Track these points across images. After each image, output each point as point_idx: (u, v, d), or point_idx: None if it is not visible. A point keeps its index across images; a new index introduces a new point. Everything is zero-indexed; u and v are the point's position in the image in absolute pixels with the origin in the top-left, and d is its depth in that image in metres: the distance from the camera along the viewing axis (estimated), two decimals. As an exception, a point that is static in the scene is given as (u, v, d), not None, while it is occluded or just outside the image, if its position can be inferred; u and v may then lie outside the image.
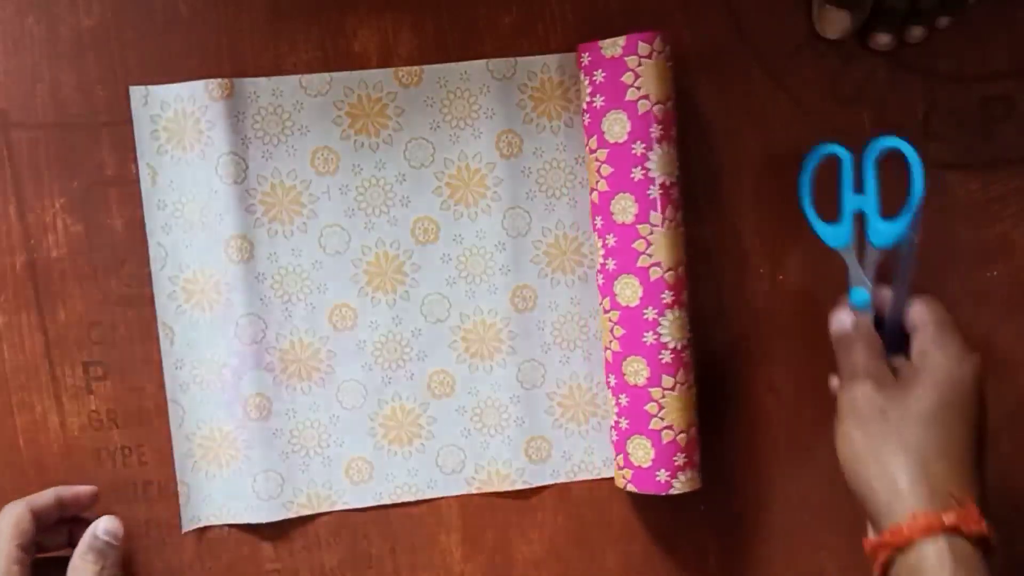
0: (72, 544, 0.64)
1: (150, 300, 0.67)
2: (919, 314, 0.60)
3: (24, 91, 0.66)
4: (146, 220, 0.67)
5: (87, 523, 0.65)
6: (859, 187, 0.65)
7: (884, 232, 0.65)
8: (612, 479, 0.70)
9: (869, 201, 0.65)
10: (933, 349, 0.58)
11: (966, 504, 0.53)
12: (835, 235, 0.66)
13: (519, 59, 0.68)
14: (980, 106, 0.71)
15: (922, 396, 0.56)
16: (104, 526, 0.64)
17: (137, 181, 0.67)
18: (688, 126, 0.68)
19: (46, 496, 0.64)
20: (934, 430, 0.55)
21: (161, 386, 0.68)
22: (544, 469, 0.70)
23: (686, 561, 0.72)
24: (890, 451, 0.55)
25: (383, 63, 0.68)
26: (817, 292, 0.71)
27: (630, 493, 0.69)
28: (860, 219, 0.65)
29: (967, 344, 0.59)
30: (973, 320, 0.72)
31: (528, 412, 0.70)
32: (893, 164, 0.65)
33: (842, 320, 0.63)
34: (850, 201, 0.66)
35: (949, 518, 0.52)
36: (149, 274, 0.67)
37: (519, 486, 0.70)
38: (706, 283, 0.70)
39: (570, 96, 0.69)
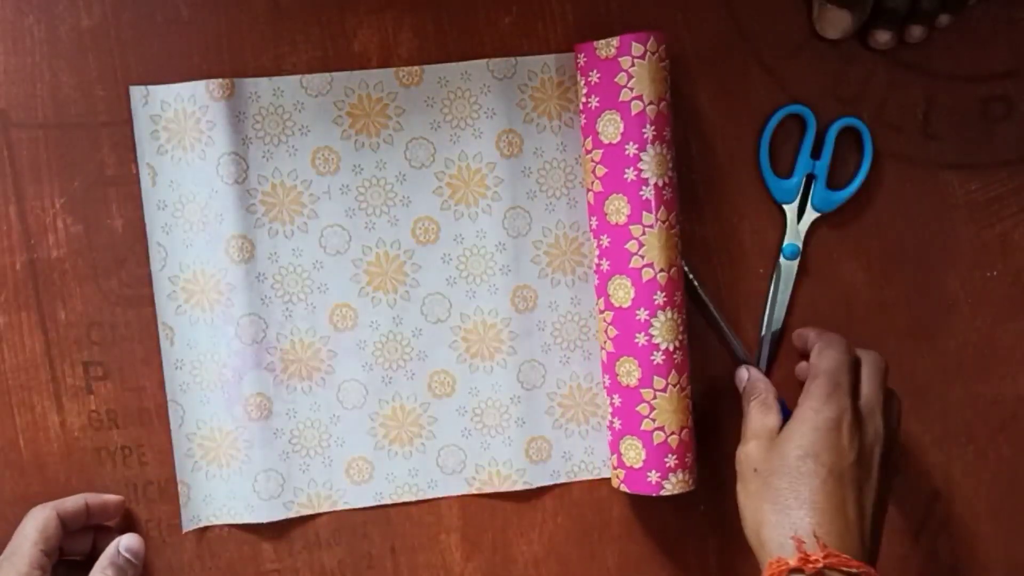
0: (93, 552, 0.65)
1: (150, 300, 0.67)
2: (813, 361, 0.63)
3: (24, 91, 0.66)
4: (146, 220, 0.67)
5: (110, 531, 0.66)
6: (816, 153, 0.70)
7: (827, 199, 0.70)
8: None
9: (821, 167, 0.70)
10: (803, 401, 0.61)
11: (806, 545, 0.56)
12: (784, 190, 0.70)
13: (519, 59, 0.68)
14: (980, 106, 0.71)
15: (780, 446, 0.60)
16: (126, 543, 0.65)
17: (137, 181, 0.67)
18: (688, 126, 0.68)
19: (75, 501, 0.65)
20: (786, 480, 0.59)
21: (161, 386, 0.68)
22: (544, 469, 0.70)
23: (686, 561, 0.72)
24: (758, 506, 0.60)
25: (383, 63, 0.68)
26: (816, 292, 0.71)
27: (630, 493, 0.69)
28: (808, 182, 0.70)
29: (838, 391, 0.60)
30: (973, 320, 0.72)
31: (528, 412, 0.70)
32: (851, 141, 0.71)
33: (740, 376, 0.68)
34: (805, 163, 0.70)
35: (791, 562, 0.56)
36: (149, 274, 0.67)
37: (519, 486, 0.70)
38: (706, 283, 0.70)
39: (570, 96, 0.69)
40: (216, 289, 0.67)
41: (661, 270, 0.64)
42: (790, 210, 0.70)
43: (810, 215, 0.70)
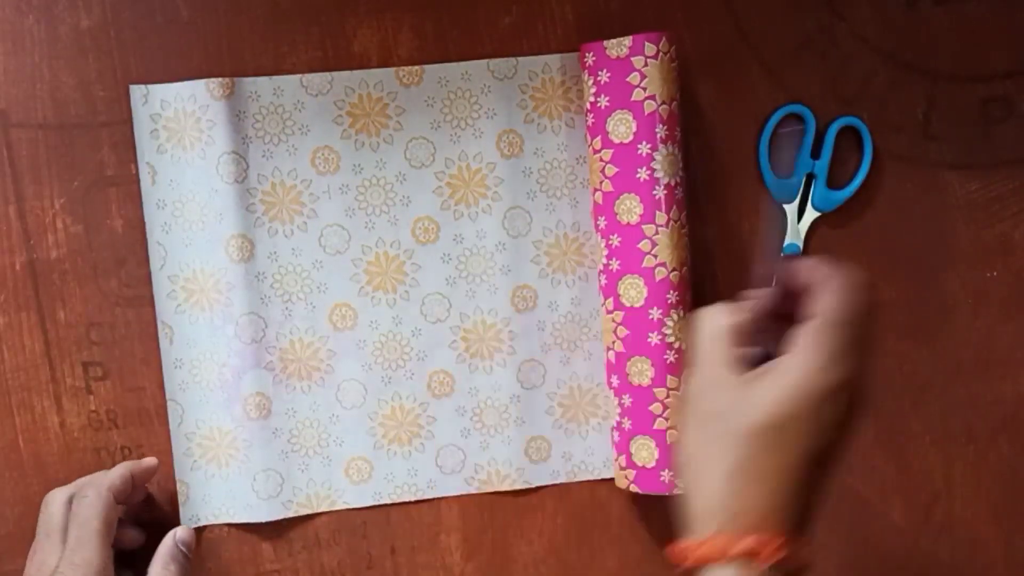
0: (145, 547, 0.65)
1: (150, 300, 0.67)
2: (827, 299, 0.48)
3: (24, 91, 0.66)
4: (146, 219, 0.67)
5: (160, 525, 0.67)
6: (816, 153, 0.70)
7: (827, 198, 0.70)
8: (612, 479, 0.70)
9: (821, 167, 0.70)
10: (806, 350, 0.47)
11: (769, 531, 0.46)
12: (785, 189, 0.70)
13: (520, 59, 0.68)
14: (980, 106, 0.71)
15: (754, 395, 0.47)
16: (182, 536, 0.65)
17: (137, 181, 0.67)
18: (688, 126, 0.68)
19: (121, 474, 0.64)
20: (755, 446, 0.46)
21: (161, 386, 0.68)
22: (544, 469, 0.70)
23: (686, 561, 0.72)
24: (715, 462, 0.47)
25: (383, 63, 0.68)
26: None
27: (630, 493, 0.69)
28: (808, 182, 0.70)
29: (852, 351, 0.46)
30: (973, 320, 0.72)
31: (528, 412, 0.70)
32: (851, 141, 0.71)
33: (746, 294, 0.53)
34: (805, 163, 0.70)
35: (745, 544, 0.45)
36: (149, 274, 0.67)
37: (519, 486, 0.70)
38: (706, 283, 0.70)
39: (571, 96, 0.69)
40: (216, 288, 0.67)
41: (673, 269, 0.64)
42: (790, 210, 0.70)
43: (810, 215, 0.70)
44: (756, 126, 0.70)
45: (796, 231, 0.70)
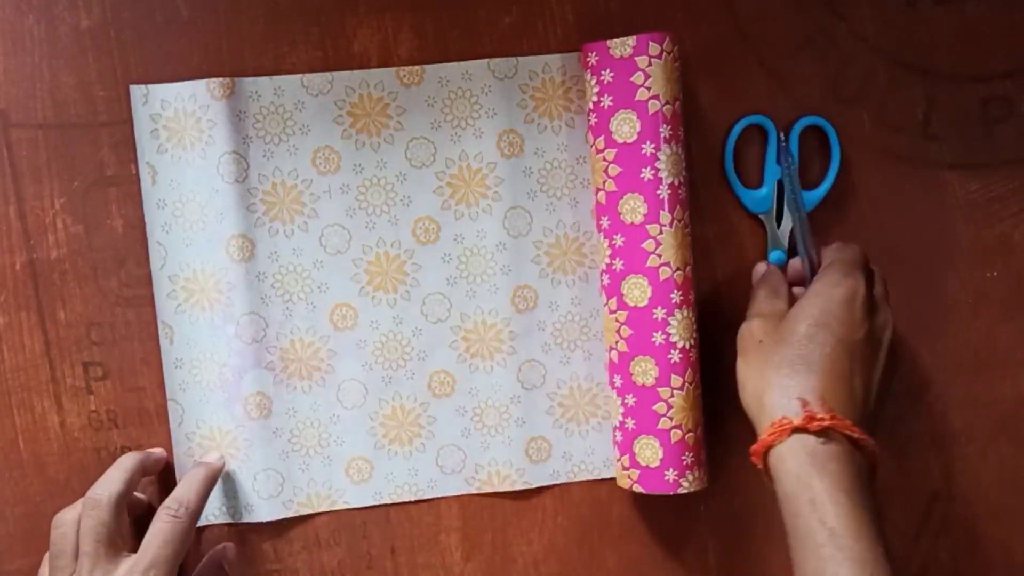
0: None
1: (150, 300, 0.67)
2: (824, 255, 0.65)
3: (24, 91, 0.66)
4: (146, 219, 0.67)
5: None
6: (781, 158, 0.70)
7: (802, 200, 0.70)
8: (612, 479, 0.70)
9: (790, 171, 0.70)
10: (817, 279, 0.62)
11: (811, 406, 0.57)
12: (756, 200, 0.70)
13: (520, 59, 0.68)
14: (980, 106, 0.71)
15: (789, 320, 0.61)
16: (229, 552, 0.68)
17: (137, 181, 0.67)
18: (688, 126, 0.68)
19: (126, 480, 0.63)
20: (795, 348, 0.59)
21: (161, 386, 0.68)
22: (544, 469, 0.70)
23: (686, 561, 0.72)
24: (760, 373, 0.61)
25: (383, 63, 0.68)
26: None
27: (630, 493, 0.69)
28: (779, 187, 0.70)
29: (855, 271, 0.61)
30: (973, 320, 0.72)
31: (528, 412, 0.70)
32: (814, 139, 0.71)
33: (757, 269, 0.69)
34: (772, 170, 0.70)
35: (795, 420, 0.57)
36: (149, 274, 0.67)
37: (519, 486, 0.70)
38: (706, 283, 0.70)
39: (571, 96, 0.69)
40: (216, 288, 0.67)
41: (677, 269, 0.65)
42: (767, 220, 0.70)
43: (788, 221, 0.70)
44: (755, 126, 0.70)
45: (777, 238, 0.70)
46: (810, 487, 0.55)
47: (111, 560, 0.60)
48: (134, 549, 0.61)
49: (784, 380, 0.59)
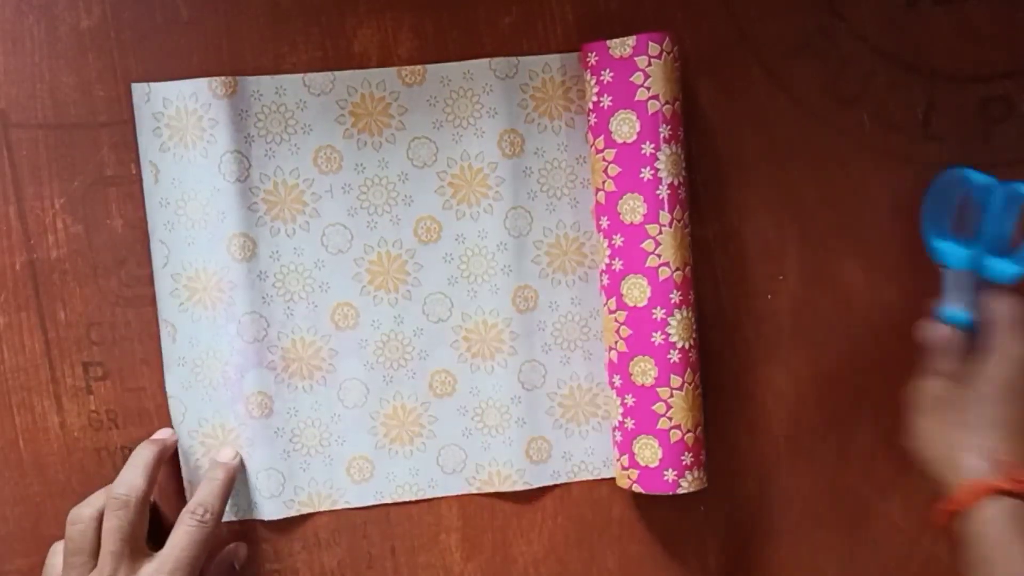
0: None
1: (150, 300, 0.67)
2: (994, 314, 0.65)
3: (24, 91, 0.66)
4: (148, 218, 0.67)
5: None
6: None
7: (1001, 268, 0.66)
8: (612, 479, 0.70)
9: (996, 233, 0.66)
10: (997, 340, 0.64)
11: (1013, 467, 0.59)
12: (959, 256, 0.67)
13: (521, 58, 0.68)
14: (980, 106, 0.72)
15: (977, 380, 0.63)
16: (241, 553, 0.68)
17: (137, 181, 0.67)
18: (688, 126, 0.68)
19: (147, 477, 0.63)
20: (986, 408, 0.61)
21: (161, 386, 0.68)
22: (544, 469, 0.70)
23: (686, 561, 0.72)
24: (948, 431, 0.63)
25: (383, 63, 0.68)
26: (817, 292, 0.71)
27: (629, 493, 0.69)
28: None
29: None
30: (972, 320, 0.72)
31: (529, 412, 0.70)
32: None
33: (933, 331, 0.67)
34: (992, 228, 0.66)
35: (996, 481, 0.58)
36: (149, 274, 0.67)
37: (520, 486, 0.70)
38: (706, 283, 0.70)
39: (571, 96, 0.69)
40: (218, 287, 0.67)
41: (677, 269, 0.65)
42: (956, 276, 0.67)
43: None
44: (755, 126, 0.70)
45: (960, 296, 0.67)
46: (1011, 549, 0.57)
47: (135, 559, 0.60)
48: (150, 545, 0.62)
49: (978, 441, 0.61)
